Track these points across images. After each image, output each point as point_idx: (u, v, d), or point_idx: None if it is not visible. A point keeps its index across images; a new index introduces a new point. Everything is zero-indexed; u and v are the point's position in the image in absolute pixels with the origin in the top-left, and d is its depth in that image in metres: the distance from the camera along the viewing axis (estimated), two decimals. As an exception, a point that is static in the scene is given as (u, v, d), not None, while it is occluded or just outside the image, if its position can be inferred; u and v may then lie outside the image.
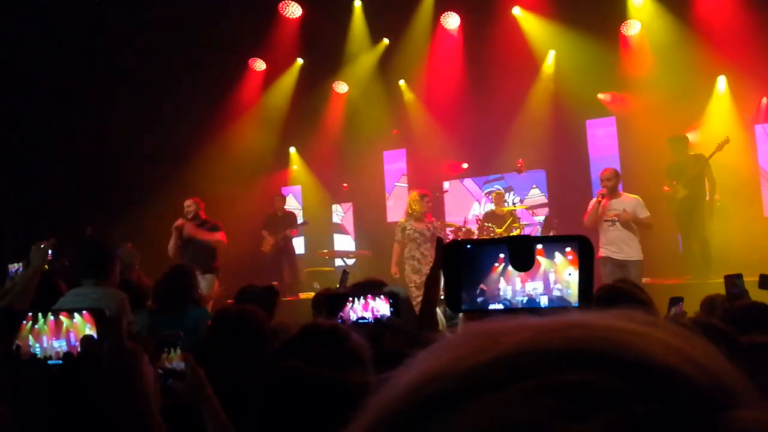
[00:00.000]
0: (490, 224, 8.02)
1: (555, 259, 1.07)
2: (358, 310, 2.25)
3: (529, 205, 9.07)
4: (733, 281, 2.81)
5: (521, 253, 1.03)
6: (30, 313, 1.37)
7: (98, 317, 1.32)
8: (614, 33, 8.36)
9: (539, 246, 1.07)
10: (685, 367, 0.28)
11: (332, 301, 2.29)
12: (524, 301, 1.08)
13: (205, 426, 1.53)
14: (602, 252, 5.61)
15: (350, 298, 2.25)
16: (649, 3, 8.12)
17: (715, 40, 7.34)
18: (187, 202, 6.55)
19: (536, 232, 8.53)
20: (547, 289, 1.06)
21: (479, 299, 1.09)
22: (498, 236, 7.58)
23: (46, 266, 3.56)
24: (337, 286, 2.45)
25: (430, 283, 1.71)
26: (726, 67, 7.69)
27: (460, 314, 1.17)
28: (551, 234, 7.98)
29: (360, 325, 2.18)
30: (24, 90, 7.55)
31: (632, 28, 8.38)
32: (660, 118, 7.64)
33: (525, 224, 8.22)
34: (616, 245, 5.57)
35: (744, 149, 7.63)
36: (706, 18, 7.52)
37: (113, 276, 3.39)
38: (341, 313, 2.26)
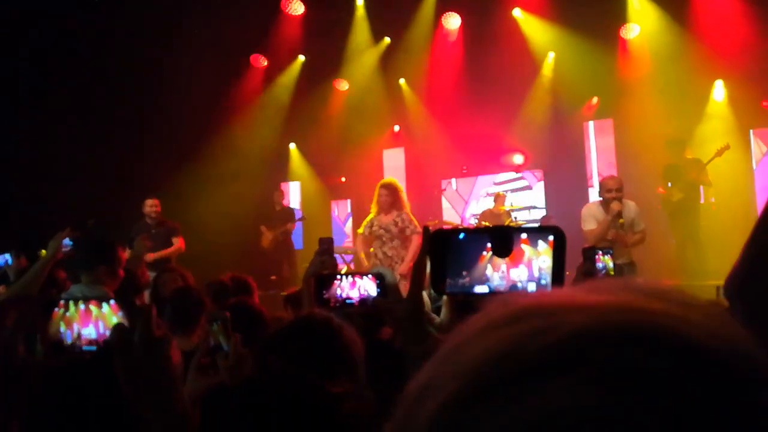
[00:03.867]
0: (486, 223, 8.10)
1: (538, 247, 1.14)
2: (345, 288, 2.32)
3: (527, 205, 9.13)
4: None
5: (502, 241, 1.10)
6: (62, 301, 1.42)
7: (128, 306, 1.36)
8: (613, 36, 8.41)
9: (524, 236, 1.13)
10: (727, 353, 0.32)
11: (320, 279, 2.32)
12: (506, 286, 1.14)
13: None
14: None
15: (338, 277, 2.30)
16: (648, 7, 8.18)
17: (713, 44, 7.40)
18: (150, 202, 6.42)
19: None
20: (531, 275, 1.13)
21: (464, 283, 1.16)
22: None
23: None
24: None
25: (417, 269, 1.78)
26: (723, 71, 7.76)
27: (444, 297, 1.24)
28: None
29: (346, 305, 2.21)
30: (27, 82, 7.59)
31: (631, 32, 8.44)
32: (658, 122, 7.70)
33: (522, 223, 8.30)
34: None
35: (740, 154, 7.69)
36: (704, 23, 7.57)
37: (106, 274, 3.27)
38: (328, 291, 2.29)
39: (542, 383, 0.30)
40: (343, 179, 10.29)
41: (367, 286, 2.23)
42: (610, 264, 2.97)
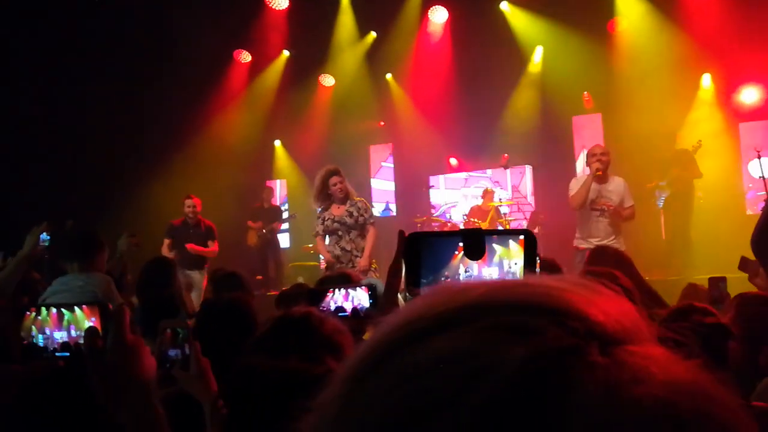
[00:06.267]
0: (475, 219, 8.04)
1: (510, 248, 1.11)
2: (338, 300, 2.29)
3: (516, 200, 9.06)
4: (717, 284, 2.78)
5: (473, 244, 1.10)
6: (33, 306, 1.43)
7: (101, 310, 1.34)
8: (601, 30, 8.36)
9: (495, 237, 1.14)
10: (595, 313, 0.37)
11: (313, 293, 2.31)
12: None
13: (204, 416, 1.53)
14: (584, 245, 5.04)
15: (330, 289, 2.29)
16: (635, 0, 8.13)
17: (701, 37, 7.36)
18: (189, 202, 6.39)
19: (522, 227, 8.53)
20: (502, 275, 1.13)
21: (437, 283, 1.15)
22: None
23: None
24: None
25: (393, 272, 1.75)
26: (711, 64, 7.71)
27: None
28: (536, 229, 8.02)
29: (339, 317, 2.20)
30: (3, 81, 7.44)
31: (619, 25, 8.38)
32: (647, 116, 7.64)
33: (511, 219, 8.23)
34: (600, 238, 4.98)
35: (728, 147, 7.66)
36: (692, 16, 7.53)
37: (98, 261, 3.32)
38: (322, 305, 2.28)
39: (437, 336, 0.37)
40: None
41: (360, 297, 2.28)
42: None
